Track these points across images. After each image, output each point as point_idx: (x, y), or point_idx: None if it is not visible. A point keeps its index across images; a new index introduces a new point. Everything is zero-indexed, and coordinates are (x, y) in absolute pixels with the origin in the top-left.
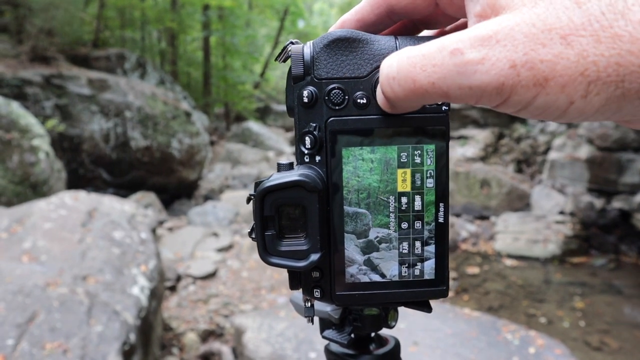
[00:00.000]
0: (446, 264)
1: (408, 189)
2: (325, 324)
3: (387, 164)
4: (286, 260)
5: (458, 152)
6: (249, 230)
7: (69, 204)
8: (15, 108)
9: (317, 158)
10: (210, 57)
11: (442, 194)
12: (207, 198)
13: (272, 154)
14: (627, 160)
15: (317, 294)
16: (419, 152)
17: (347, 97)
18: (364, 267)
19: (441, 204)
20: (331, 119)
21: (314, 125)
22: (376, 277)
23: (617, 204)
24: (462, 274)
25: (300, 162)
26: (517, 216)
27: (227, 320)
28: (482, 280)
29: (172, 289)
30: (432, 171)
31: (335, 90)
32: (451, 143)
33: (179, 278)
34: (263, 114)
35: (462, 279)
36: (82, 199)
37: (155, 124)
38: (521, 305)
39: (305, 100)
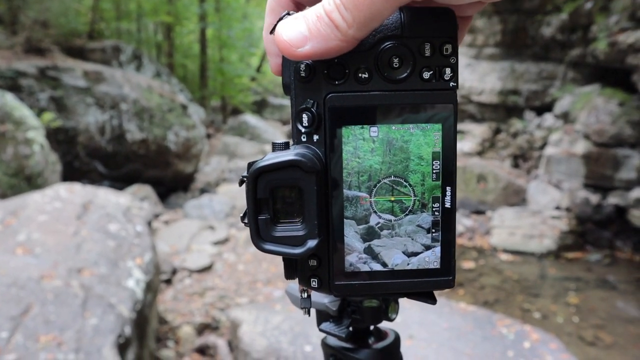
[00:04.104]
0: (452, 252)
1: (412, 171)
2: (322, 317)
3: (389, 145)
4: (281, 247)
5: None
6: (242, 215)
7: (63, 196)
8: (10, 100)
9: (315, 137)
10: (207, 49)
11: (448, 177)
12: (203, 191)
13: (268, 147)
14: (623, 156)
15: (314, 283)
16: (425, 131)
17: (347, 71)
18: (364, 256)
19: (448, 188)
20: (330, 94)
21: (312, 101)
22: (377, 266)
23: (612, 199)
24: (458, 269)
25: (297, 141)
26: (513, 211)
27: (222, 314)
28: (478, 274)
29: (168, 282)
30: (438, 152)
31: (334, 64)
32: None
33: (174, 271)
34: (260, 107)
35: (457, 273)
36: (77, 191)
37: (151, 117)
38: (516, 300)
39: (303, 74)
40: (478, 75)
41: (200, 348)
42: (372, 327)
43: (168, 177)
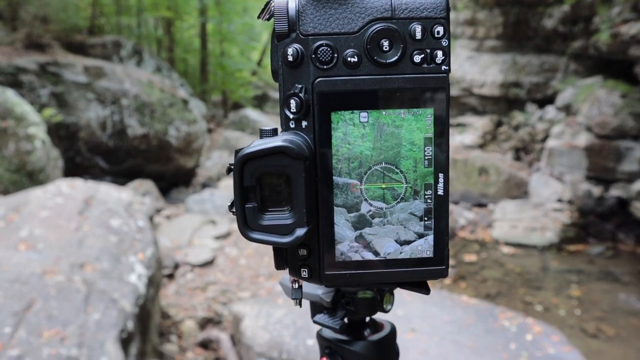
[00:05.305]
0: (446, 240)
1: (404, 157)
2: (316, 308)
3: (380, 130)
4: (269, 236)
5: (456, 139)
6: (229, 204)
7: (65, 192)
8: (11, 96)
9: (304, 123)
10: (207, 44)
11: (441, 163)
12: (204, 186)
13: None
14: (625, 148)
15: (304, 273)
16: (416, 116)
17: (336, 55)
18: (355, 244)
19: (440, 175)
20: (319, 79)
21: (300, 86)
22: (369, 255)
23: (615, 192)
24: (460, 262)
25: (285, 128)
26: (515, 204)
27: (225, 308)
28: (480, 267)
29: (170, 276)
30: (430, 138)
31: (323, 48)
32: (450, 130)
33: (177, 266)
34: (260, 101)
35: (460, 266)
36: (79, 187)
37: (152, 112)
38: (518, 293)
39: (290, 59)
40: (479, 67)
41: (203, 342)
42: (367, 319)
43: (169, 172)
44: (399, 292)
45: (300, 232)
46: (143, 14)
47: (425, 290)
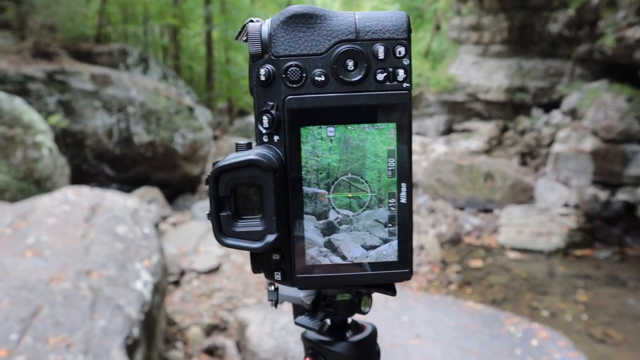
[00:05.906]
0: (410, 246)
1: (369, 168)
2: (298, 310)
3: (346, 143)
4: (242, 242)
5: (462, 145)
6: (207, 213)
7: (72, 199)
8: (18, 104)
9: (276, 138)
10: (213, 51)
11: (404, 173)
12: None
13: None
14: (632, 152)
15: (278, 276)
16: (380, 130)
17: (305, 74)
18: (324, 249)
19: (403, 184)
20: (289, 97)
21: (272, 104)
22: (337, 259)
23: (621, 196)
24: (466, 267)
25: (259, 142)
26: (521, 209)
27: (230, 315)
28: (486, 273)
29: (176, 283)
30: (393, 150)
31: (292, 68)
32: (456, 136)
33: (182, 273)
34: None
35: (465, 272)
36: (85, 194)
37: (158, 119)
38: (524, 298)
39: (263, 78)
40: (485, 73)
41: (209, 349)
42: (349, 321)
43: (175, 179)
44: (404, 298)
45: (270, 238)
46: (149, 22)
47: (392, 292)
